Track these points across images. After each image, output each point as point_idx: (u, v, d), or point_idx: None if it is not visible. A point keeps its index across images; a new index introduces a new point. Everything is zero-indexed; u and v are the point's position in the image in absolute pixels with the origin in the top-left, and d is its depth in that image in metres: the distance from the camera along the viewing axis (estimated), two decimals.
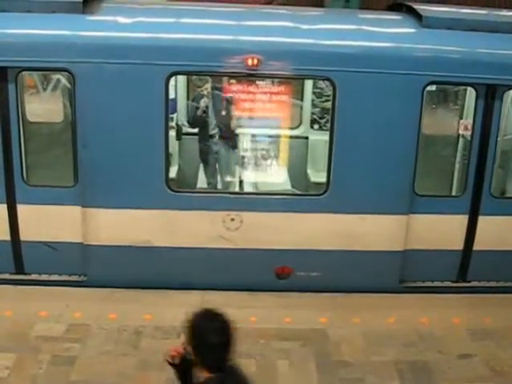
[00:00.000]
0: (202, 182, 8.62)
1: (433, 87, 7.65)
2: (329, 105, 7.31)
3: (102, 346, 6.29)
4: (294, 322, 6.82)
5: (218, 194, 7.65)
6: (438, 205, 7.30)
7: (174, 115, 8.85)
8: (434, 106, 8.22)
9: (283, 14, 7.91)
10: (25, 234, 7.13)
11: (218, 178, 8.70)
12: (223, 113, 8.40)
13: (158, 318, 6.74)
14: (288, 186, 8.44)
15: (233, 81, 7.65)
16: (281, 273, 7.30)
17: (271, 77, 7.27)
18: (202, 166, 8.81)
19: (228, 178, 8.58)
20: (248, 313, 6.86)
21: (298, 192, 8.23)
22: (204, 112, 8.38)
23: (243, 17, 7.48)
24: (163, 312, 6.81)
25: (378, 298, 7.30)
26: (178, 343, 6.10)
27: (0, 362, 5.97)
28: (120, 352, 6.22)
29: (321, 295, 7.25)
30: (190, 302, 6.92)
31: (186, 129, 9.12)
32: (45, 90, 9.26)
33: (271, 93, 7.70)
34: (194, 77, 8.34)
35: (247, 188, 8.26)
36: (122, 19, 7.06)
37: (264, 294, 7.21)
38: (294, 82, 8.26)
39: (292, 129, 9.19)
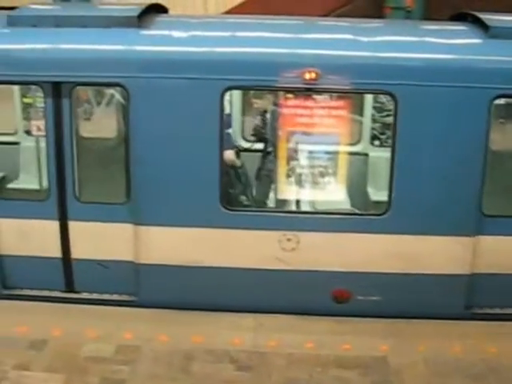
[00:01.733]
0: (257, 200, 8.52)
1: (501, 101, 7.39)
2: (390, 120, 7.14)
3: (151, 369, 6.23)
4: (353, 349, 6.61)
5: (274, 213, 7.51)
6: (507, 226, 7.00)
7: (230, 130, 8.82)
8: (502, 121, 7.94)
9: (342, 26, 7.79)
10: (76, 252, 7.18)
11: (274, 196, 8.58)
12: (279, 129, 8.30)
13: (209, 341, 6.64)
14: (347, 205, 8.25)
15: (289, 95, 7.56)
16: (339, 296, 7.10)
17: (330, 91, 7.12)
18: (256, 183, 8.72)
19: (284, 197, 8.45)
20: (303, 338, 6.70)
21: (358, 211, 8.04)
22: (261, 128, 8.31)
23: (300, 29, 7.38)
24: (215, 335, 6.73)
25: (442, 324, 7.02)
26: (230, 368, 6.14)
27: (49, 383, 5.98)
28: (170, 376, 6.14)
29: (380, 321, 7.02)
30: (243, 326, 6.90)
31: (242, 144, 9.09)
32: (99, 105, 9.39)
33: (329, 108, 7.53)
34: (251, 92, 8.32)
35: (304, 207, 8.12)
36: (176, 33, 7.08)
37: (320, 318, 7.02)
38: (353, 96, 8.10)
39: (351, 145, 9.00)
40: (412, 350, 6.64)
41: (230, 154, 8.02)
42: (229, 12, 15.84)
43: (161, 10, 7.91)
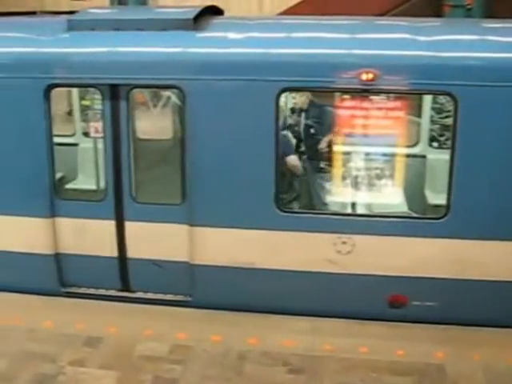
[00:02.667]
0: (311, 202, 8.51)
1: None
2: (449, 121, 7.03)
3: (204, 369, 6.30)
4: (408, 355, 6.52)
5: (329, 216, 7.48)
6: None
7: (284, 132, 8.84)
8: None
9: (399, 26, 7.70)
10: (132, 252, 7.34)
11: (329, 198, 8.56)
12: (335, 130, 8.28)
13: (263, 344, 6.67)
14: (404, 208, 8.16)
15: (346, 96, 7.53)
16: (394, 301, 7.03)
17: (387, 92, 7.07)
18: (312, 185, 8.71)
19: (340, 199, 8.42)
20: (357, 343, 6.66)
21: (415, 215, 7.93)
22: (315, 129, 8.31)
23: (357, 29, 7.33)
24: (268, 337, 6.75)
25: (502, 333, 6.85)
26: (282, 371, 6.15)
27: (103, 380, 6.13)
28: (223, 377, 6.20)
29: (435, 327, 6.91)
30: (297, 329, 6.90)
31: None
32: (155, 107, 9.56)
33: (387, 109, 7.47)
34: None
35: (360, 210, 8.06)
36: (232, 35, 7.16)
37: (374, 323, 6.97)
38: (411, 97, 8.01)
39: (409, 147, 8.90)
40: (469, 358, 6.51)
41: (294, 160, 8.07)
42: (284, 13, 15.86)
43: (216, 11, 7.99)
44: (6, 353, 6.58)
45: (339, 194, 8.09)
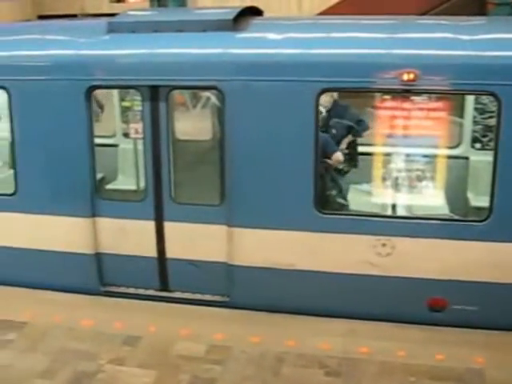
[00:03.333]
0: (352, 204, 8.48)
1: None
2: (492, 122, 6.93)
3: (242, 370, 6.33)
4: (448, 360, 6.43)
5: (369, 218, 7.37)
6: None
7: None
8: None
9: (441, 25, 7.62)
10: (171, 252, 7.42)
11: (369, 199, 8.51)
12: (375, 131, 8.24)
13: (300, 345, 6.67)
14: (445, 211, 8.07)
15: (387, 97, 7.49)
16: (434, 305, 6.95)
17: (428, 92, 7.01)
18: (351, 187, 8.69)
19: (380, 201, 8.37)
20: (396, 346, 6.60)
21: (457, 217, 7.85)
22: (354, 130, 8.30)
23: (397, 29, 7.29)
24: (306, 339, 6.75)
25: None
26: (319, 374, 6.14)
27: (142, 379, 6.21)
28: (260, 378, 6.23)
29: (475, 332, 6.79)
30: (335, 331, 6.88)
31: None
32: (194, 107, 9.63)
33: (427, 109, 7.41)
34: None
35: (400, 212, 8.00)
36: (271, 35, 7.18)
37: (413, 326, 6.89)
38: (453, 97, 7.93)
39: (450, 148, 8.81)
40: (509, 363, 6.40)
41: (339, 156, 8.11)
42: (323, 13, 15.84)
43: (256, 12, 8.03)
44: (46, 350, 6.72)
45: (379, 196, 8.05)
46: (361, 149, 8.74)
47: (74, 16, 20.11)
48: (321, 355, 6.48)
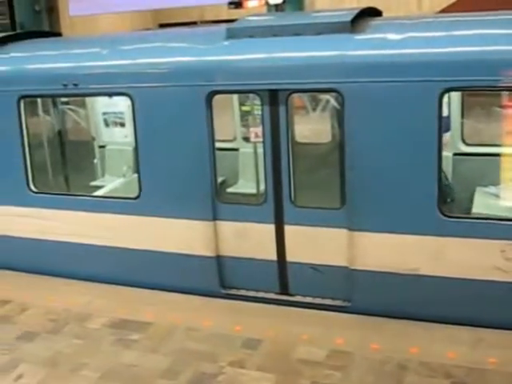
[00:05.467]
0: (477, 206, 8.21)
1: None
2: None
3: (363, 377, 6.25)
4: None
5: (498, 221, 7.04)
6: None
7: (448, 134, 8.63)
8: None
9: None
10: (291, 255, 7.45)
11: (497, 202, 8.20)
12: (504, 131, 7.95)
13: (424, 353, 6.50)
14: None
15: None
16: None
17: None
18: (478, 189, 8.40)
19: (508, 203, 8.04)
20: None
21: None
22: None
23: None
24: (430, 347, 6.58)
25: None
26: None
27: (261, 383, 6.25)
28: None
29: None
30: (460, 339, 6.67)
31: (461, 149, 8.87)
32: (314, 110, 9.66)
33: None
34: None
35: None
36: (390, 36, 7.07)
37: None
38: None
39: None
40: None
41: None
42: (443, 11, 15.45)
43: (374, 13, 7.96)
44: (168, 351, 6.89)
45: (508, 199, 7.74)
46: (488, 150, 8.46)
47: (193, 23, 20.69)
48: (445, 364, 6.29)
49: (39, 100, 9.89)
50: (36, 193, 8.73)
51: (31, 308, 8.06)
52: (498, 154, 7.97)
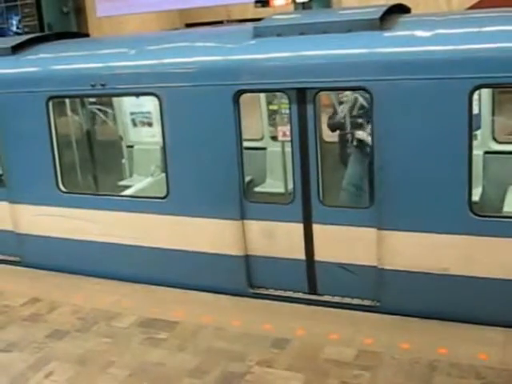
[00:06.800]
0: (509, 205, 8.11)
1: None
2: None
3: (392, 377, 6.24)
4: None
5: None
6: None
7: (478, 131, 8.58)
8: None
9: None
10: (319, 255, 7.48)
11: None
12: None
13: (454, 354, 6.47)
14: None
15: None
16: None
17: None
18: (510, 188, 8.34)
19: None
20: None
21: None
22: None
23: None
24: (459, 348, 6.54)
25: None
26: None
27: (290, 382, 6.26)
28: None
29: None
30: (490, 340, 6.62)
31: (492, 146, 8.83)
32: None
33: None
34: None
35: None
36: (419, 33, 7.05)
37: None
38: None
39: None
40: None
41: None
42: (472, 7, 15.31)
43: (403, 9, 7.94)
44: (196, 350, 6.94)
45: None
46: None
47: (220, 22, 20.77)
48: (476, 365, 6.25)
49: (67, 100, 10.03)
50: (65, 193, 8.85)
51: (60, 307, 8.19)
52: None
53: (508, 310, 6.78)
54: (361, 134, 8.04)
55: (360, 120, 8.43)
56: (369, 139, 7.81)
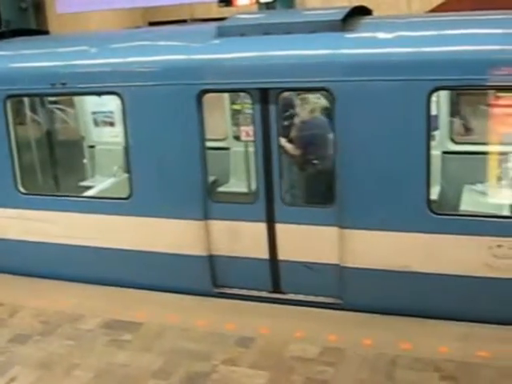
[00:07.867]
0: (465, 204, 8.39)
1: None
2: None
3: (356, 372, 6.40)
4: None
5: (486, 218, 7.22)
6: None
7: (436, 132, 8.81)
8: None
9: None
10: (283, 254, 7.59)
11: (484, 200, 8.39)
12: (491, 129, 8.13)
13: (415, 349, 6.67)
14: None
15: (502, 94, 7.37)
16: None
17: None
18: (465, 187, 8.60)
19: (495, 201, 8.23)
20: None
21: None
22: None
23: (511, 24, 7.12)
24: (421, 342, 6.74)
25: None
26: (435, 377, 6.12)
27: (255, 380, 6.37)
28: (374, 381, 6.28)
29: None
30: (450, 334, 6.84)
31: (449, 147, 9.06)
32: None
33: None
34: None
35: None
36: (381, 35, 7.21)
37: None
38: None
39: None
40: None
41: None
42: (434, 10, 15.61)
43: (365, 12, 8.09)
44: (161, 350, 6.99)
45: (495, 196, 7.94)
46: (475, 148, 8.66)
47: (183, 21, 20.72)
48: (436, 359, 6.45)
49: (26, 100, 9.96)
50: (25, 194, 8.82)
51: (22, 310, 8.14)
52: (485, 153, 8.18)
53: (467, 305, 7.01)
54: (282, 141, 8.12)
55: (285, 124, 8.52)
56: (288, 146, 8.05)
